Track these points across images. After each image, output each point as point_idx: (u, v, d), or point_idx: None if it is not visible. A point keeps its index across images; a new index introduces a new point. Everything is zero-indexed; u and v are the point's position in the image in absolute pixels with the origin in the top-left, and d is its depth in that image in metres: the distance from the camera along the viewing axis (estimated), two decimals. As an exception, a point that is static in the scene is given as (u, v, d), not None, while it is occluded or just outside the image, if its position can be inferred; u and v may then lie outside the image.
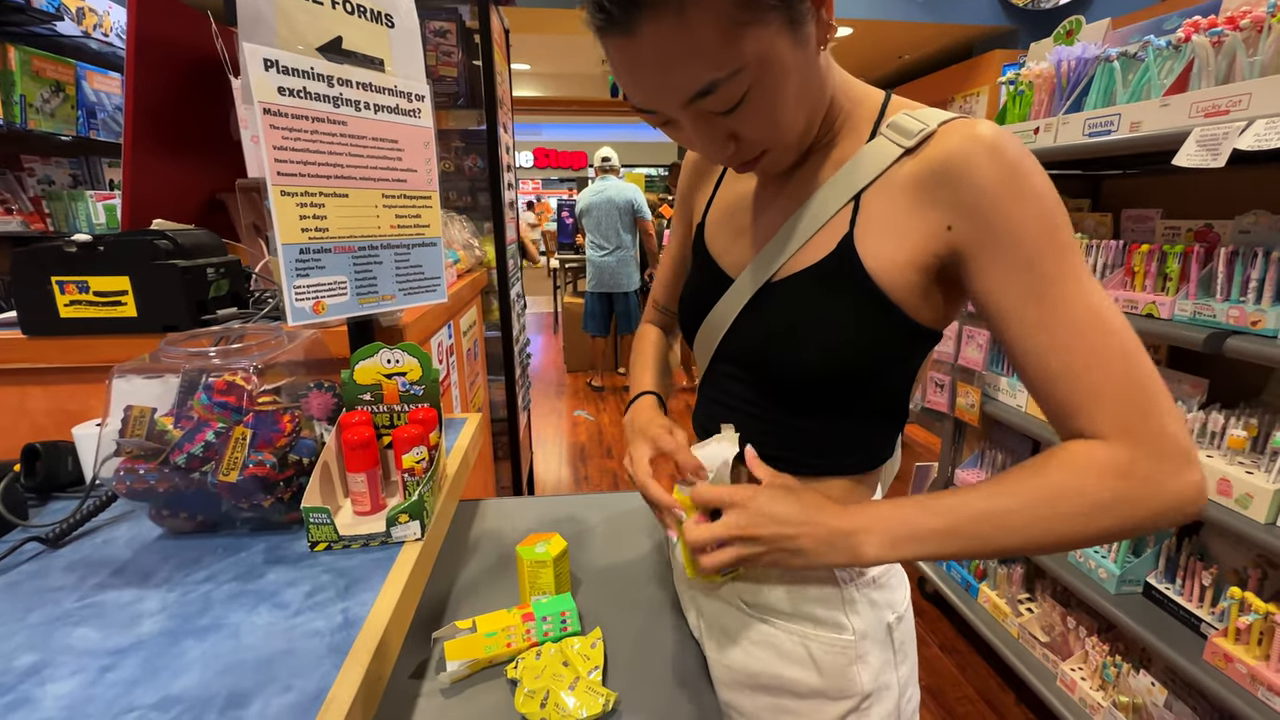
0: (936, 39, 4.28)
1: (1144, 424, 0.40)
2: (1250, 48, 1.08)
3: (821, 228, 0.51)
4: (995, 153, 0.43)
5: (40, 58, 2.18)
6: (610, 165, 3.97)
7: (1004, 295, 0.44)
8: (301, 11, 0.63)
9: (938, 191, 0.46)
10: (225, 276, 0.87)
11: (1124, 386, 0.41)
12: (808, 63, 0.45)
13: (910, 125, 0.48)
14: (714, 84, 0.42)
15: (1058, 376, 0.42)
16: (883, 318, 0.49)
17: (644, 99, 0.46)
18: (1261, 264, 1.07)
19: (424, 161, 0.78)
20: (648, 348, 0.78)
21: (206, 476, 0.61)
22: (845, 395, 0.53)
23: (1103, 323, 0.41)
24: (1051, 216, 0.43)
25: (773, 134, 0.48)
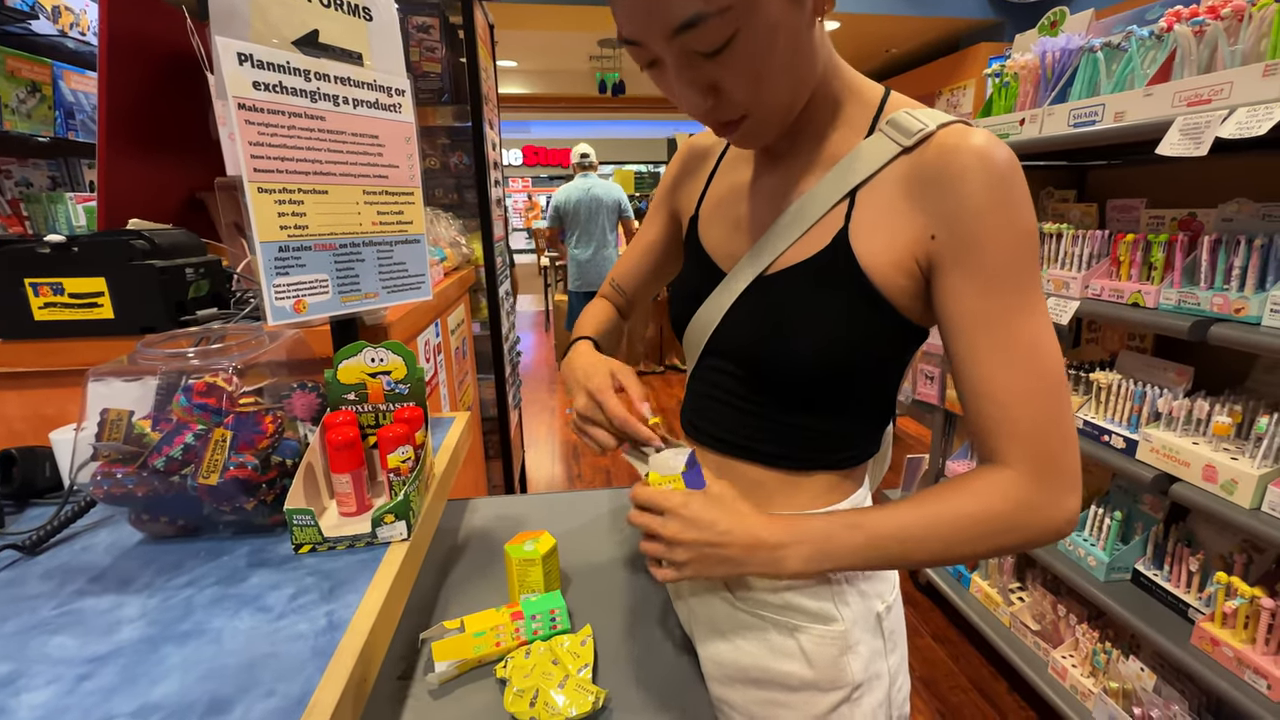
0: (923, 32, 4.30)
1: (1049, 462, 0.45)
2: (1231, 37, 1.09)
3: (816, 223, 0.51)
4: (989, 169, 0.44)
5: (15, 57, 2.14)
6: (589, 161, 3.94)
7: (961, 315, 0.46)
8: (276, 5, 0.62)
9: (927, 196, 0.46)
10: (205, 277, 0.86)
11: (1041, 424, 0.45)
12: (801, 28, 0.45)
13: (910, 124, 0.48)
14: (700, 16, 0.41)
15: (989, 401, 0.46)
16: (875, 314, 0.49)
17: (633, 26, 0.45)
18: (1244, 251, 1.08)
19: (405, 157, 0.77)
20: (592, 311, 0.76)
21: (186, 480, 0.60)
22: (835, 390, 0.53)
23: (1040, 361, 0.45)
24: (1025, 246, 0.45)
25: (755, 94, 0.46)
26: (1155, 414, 1.27)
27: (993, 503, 0.46)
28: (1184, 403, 1.21)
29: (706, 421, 0.61)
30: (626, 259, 0.78)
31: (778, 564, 0.48)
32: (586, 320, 0.74)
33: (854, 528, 0.48)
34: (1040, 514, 0.45)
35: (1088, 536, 1.46)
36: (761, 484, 0.58)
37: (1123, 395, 1.33)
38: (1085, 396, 1.44)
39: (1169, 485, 1.18)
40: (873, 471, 0.66)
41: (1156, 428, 1.25)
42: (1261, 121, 0.93)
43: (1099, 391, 1.39)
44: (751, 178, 0.59)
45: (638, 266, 0.76)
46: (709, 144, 0.68)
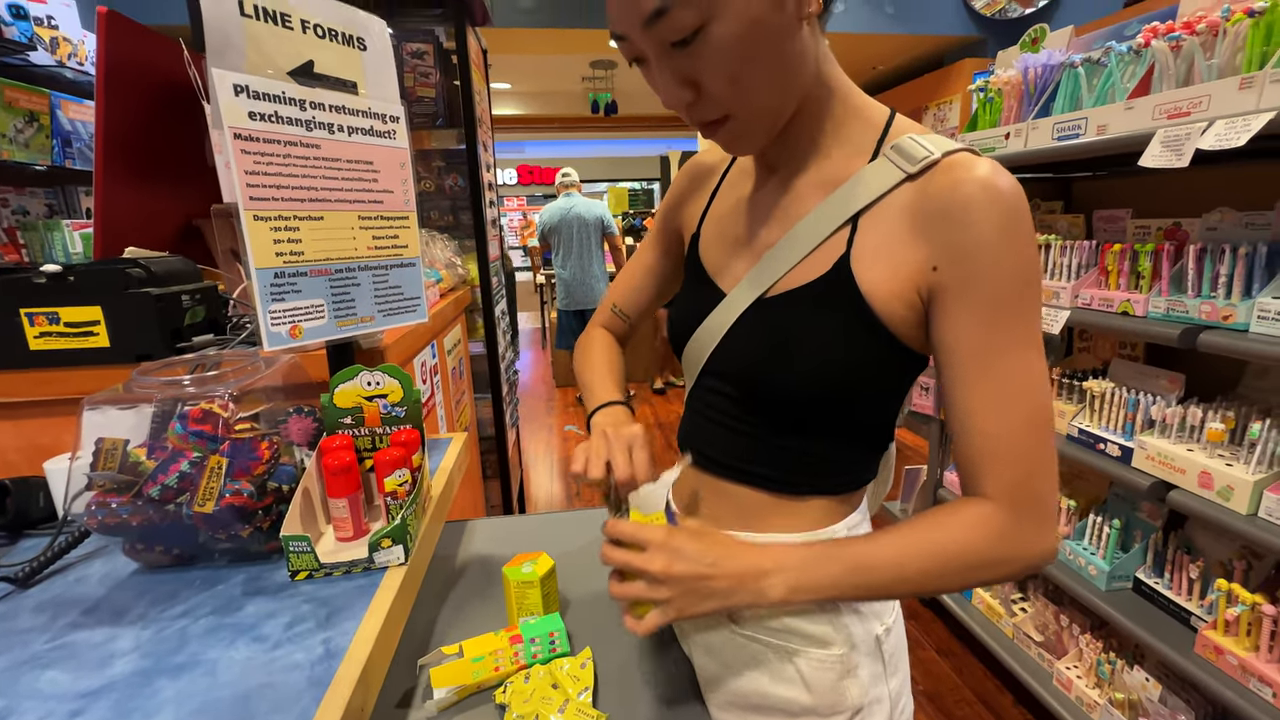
0: (908, 49, 4.38)
1: (1030, 498, 0.46)
2: (1207, 51, 1.12)
3: (818, 247, 0.51)
4: (994, 202, 0.43)
5: (13, 88, 2.16)
6: (571, 181, 4.01)
7: (957, 346, 0.46)
8: (271, 36, 0.63)
9: (932, 228, 0.46)
10: (201, 303, 0.86)
11: (1027, 462, 0.46)
12: (783, 31, 0.45)
13: (915, 151, 0.47)
14: (668, 4, 0.42)
15: (978, 434, 0.47)
16: (875, 341, 0.49)
17: (615, 19, 0.46)
18: (1229, 260, 1.09)
19: (400, 182, 0.78)
20: (599, 353, 0.73)
21: (182, 508, 0.60)
22: (833, 416, 0.53)
23: (1031, 398, 0.46)
24: (1026, 282, 0.45)
25: (734, 92, 0.46)
26: (1149, 421, 1.28)
27: (973, 536, 0.46)
28: (1177, 410, 1.22)
29: (703, 442, 0.61)
30: (627, 280, 0.76)
31: (761, 594, 0.47)
32: (601, 373, 0.71)
33: (836, 558, 0.48)
34: (1018, 548, 0.46)
35: (1088, 545, 1.45)
36: (756, 507, 0.57)
37: (1116, 403, 1.34)
38: (1079, 405, 1.45)
39: (1166, 493, 1.18)
40: (873, 494, 0.65)
41: (1151, 435, 1.26)
42: (1240, 133, 0.95)
43: (1092, 400, 1.40)
44: (753, 196, 0.59)
45: (640, 288, 0.75)
46: (712, 162, 0.68)
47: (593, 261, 3.92)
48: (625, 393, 0.70)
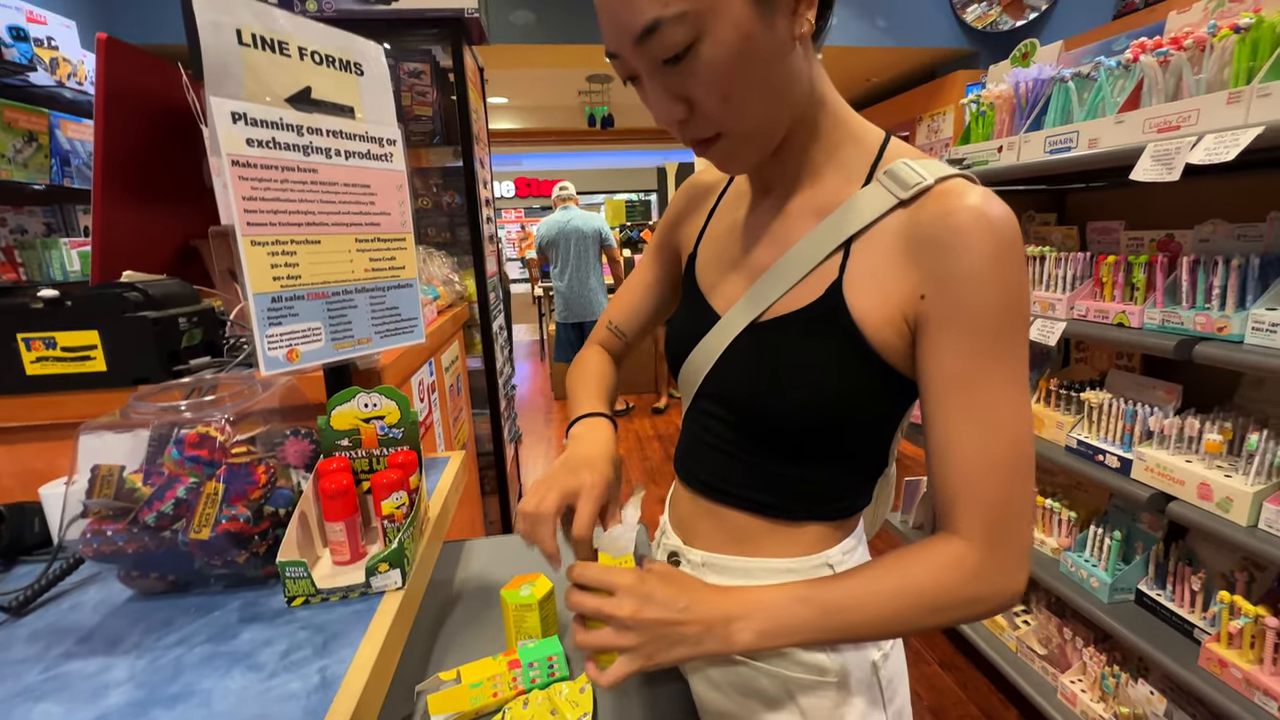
0: (901, 62, 4.43)
1: (1003, 537, 0.45)
2: (1195, 66, 1.13)
3: (811, 272, 0.51)
4: (985, 232, 0.43)
5: (12, 109, 2.18)
6: (569, 194, 4.03)
7: (939, 376, 0.46)
8: (269, 64, 0.64)
9: (922, 255, 0.46)
10: (198, 326, 0.86)
11: (1001, 499, 0.45)
12: (774, 51, 0.45)
13: (908, 176, 0.47)
14: (658, 22, 0.42)
15: (954, 468, 0.46)
16: (867, 368, 0.49)
17: (608, 37, 0.46)
18: (1223, 271, 1.10)
19: (397, 204, 0.79)
20: (590, 368, 0.72)
21: (177, 535, 0.60)
22: (826, 442, 0.53)
23: (1009, 433, 0.45)
24: (1012, 314, 0.44)
25: (725, 110, 0.46)
26: (1147, 432, 1.28)
27: (945, 578, 0.45)
28: (1175, 421, 1.22)
29: (698, 465, 0.61)
30: (625, 298, 0.76)
31: (729, 640, 0.46)
32: (588, 388, 0.70)
33: (805, 601, 0.47)
34: (989, 588, 0.45)
35: (1089, 557, 1.45)
36: (751, 532, 0.57)
37: (1114, 414, 1.34)
38: (1077, 416, 1.45)
39: (1166, 504, 1.18)
40: (873, 517, 0.65)
41: (1149, 446, 1.26)
42: (1229, 148, 0.96)
43: (1090, 411, 1.40)
44: (749, 218, 0.59)
45: (638, 307, 0.74)
46: (710, 182, 0.68)
47: (591, 274, 3.93)
48: (611, 407, 0.68)
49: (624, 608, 0.45)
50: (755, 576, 0.57)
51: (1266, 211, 1.14)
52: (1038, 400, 1.57)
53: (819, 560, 0.56)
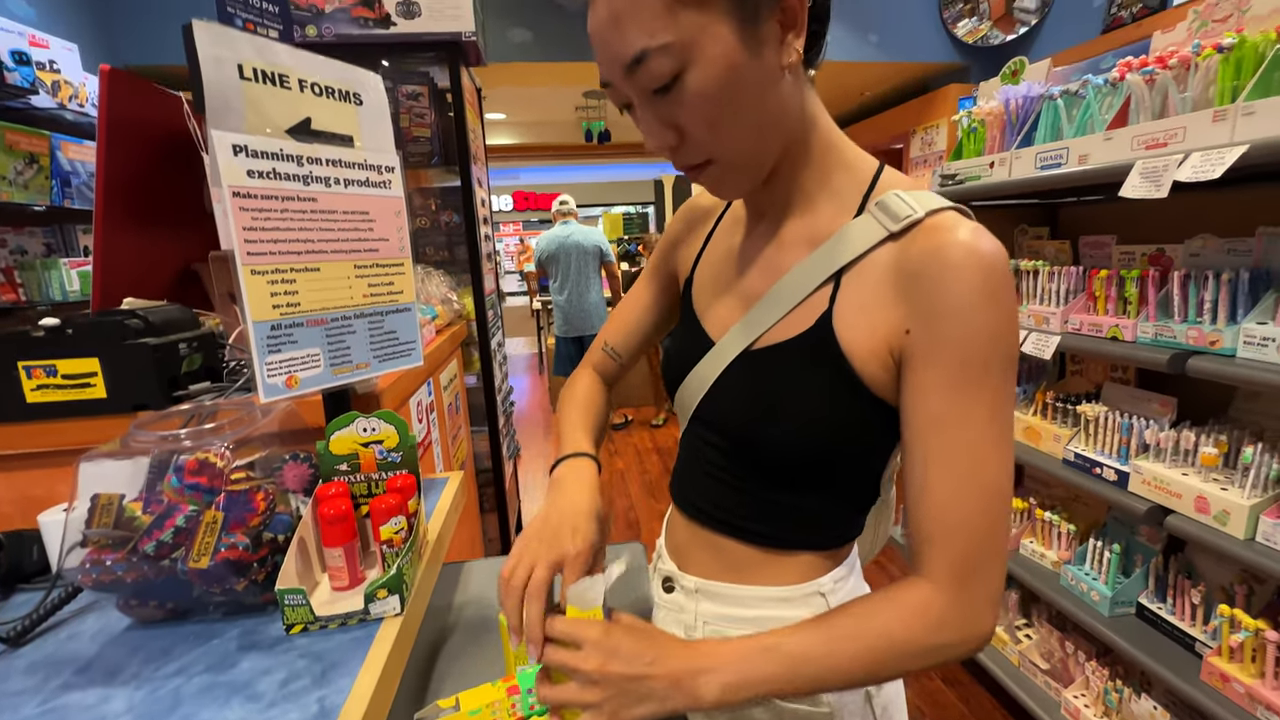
0: (894, 76, 4.48)
1: (973, 581, 0.45)
2: (1180, 84, 1.15)
3: (802, 302, 0.51)
4: (974, 269, 0.43)
5: (14, 131, 2.20)
6: (569, 209, 4.04)
7: (920, 412, 0.45)
8: (270, 97, 0.65)
9: (909, 290, 0.45)
10: (198, 351, 0.87)
11: (973, 543, 0.44)
12: (763, 80, 0.45)
13: (899, 209, 0.47)
14: (644, 53, 0.43)
15: (928, 505, 0.45)
16: (856, 400, 0.49)
17: (601, 67, 0.47)
18: (1213, 286, 1.11)
19: (395, 230, 0.80)
20: (579, 398, 0.72)
21: (176, 563, 0.60)
22: (818, 472, 0.53)
23: (986, 475, 0.44)
24: (998, 353, 0.43)
25: (715, 138, 0.47)
26: (1144, 445, 1.29)
27: (912, 626, 0.45)
28: (1170, 434, 1.22)
29: (693, 491, 0.61)
30: (621, 320, 0.75)
31: (696, 695, 0.45)
32: (575, 419, 0.69)
33: (771, 651, 0.46)
34: (956, 634, 0.45)
35: (1089, 570, 1.45)
36: (745, 561, 0.57)
37: (1110, 427, 1.34)
38: (1074, 429, 1.46)
39: (1163, 517, 1.18)
40: (869, 544, 0.65)
41: (1146, 459, 1.26)
42: (1215, 166, 0.97)
43: (1087, 424, 1.40)
44: (744, 244, 0.59)
45: (634, 328, 0.74)
46: (708, 205, 0.68)
47: (590, 289, 3.94)
48: (598, 439, 0.68)
49: (589, 661, 0.45)
50: (747, 604, 0.57)
51: (1254, 226, 1.15)
52: (1034, 413, 1.57)
53: (810, 588, 0.56)
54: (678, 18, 0.42)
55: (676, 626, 0.62)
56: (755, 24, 0.44)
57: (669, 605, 0.64)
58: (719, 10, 0.42)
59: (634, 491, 3.43)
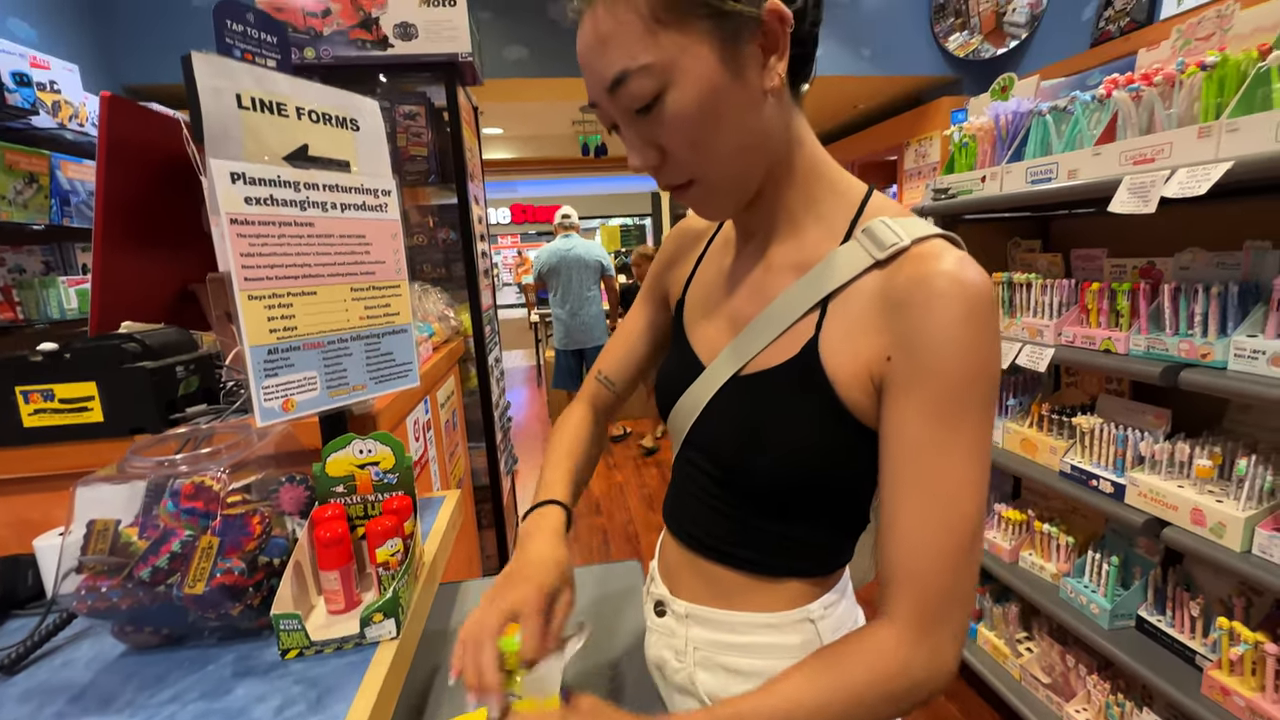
0: (887, 89, 4.53)
1: (937, 622, 0.44)
2: (1166, 101, 1.17)
3: (789, 328, 0.51)
4: (957, 299, 0.43)
5: (14, 151, 2.21)
6: (571, 223, 4.05)
7: (896, 441, 0.45)
8: (268, 125, 0.66)
9: (893, 318, 0.45)
10: (195, 373, 0.87)
11: (940, 581, 0.44)
12: (744, 103, 0.46)
13: (885, 236, 0.47)
14: (625, 73, 0.44)
15: (898, 538, 0.45)
16: (842, 427, 0.49)
17: (588, 88, 0.48)
18: (1203, 299, 1.12)
19: (392, 252, 0.80)
20: (566, 439, 0.71)
21: (172, 589, 0.60)
22: (807, 500, 0.53)
23: (958, 508, 0.44)
24: (978, 384, 0.43)
25: (696, 158, 0.47)
26: (1139, 457, 1.29)
27: (877, 673, 0.44)
28: (1165, 446, 1.23)
29: (684, 516, 0.62)
30: (615, 348, 0.75)
31: None
32: (557, 461, 0.68)
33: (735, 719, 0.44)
34: (919, 676, 0.44)
35: (1088, 583, 1.44)
36: (735, 587, 0.57)
37: (1106, 439, 1.35)
38: (1070, 441, 1.46)
39: (1160, 529, 1.18)
40: (865, 567, 0.65)
41: (1142, 471, 1.26)
42: (1200, 182, 0.98)
43: (1082, 436, 1.41)
44: (733, 267, 0.60)
45: (628, 356, 0.73)
46: (700, 228, 0.68)
47: (591, 302, 3.95)
48: (576, 484, 0.67)
49: None
50: (737, 630, 0.57)
51: (1242, 239, 1.17)
52: (1031, 425, 1.58)
53: (800, 615, 0.56)
54: (658, 39, 0.43)
55: (668, 650, 0.62)
56: (736, 46, 0.44)
57: (661, 629, 0.64)
58: (699, 32, 0.43)
59: (633, 504, 3.42)
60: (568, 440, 0.70)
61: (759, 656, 0.57)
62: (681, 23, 0.43)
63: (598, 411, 0.75)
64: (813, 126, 0.55)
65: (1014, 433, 1.59)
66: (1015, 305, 1.56)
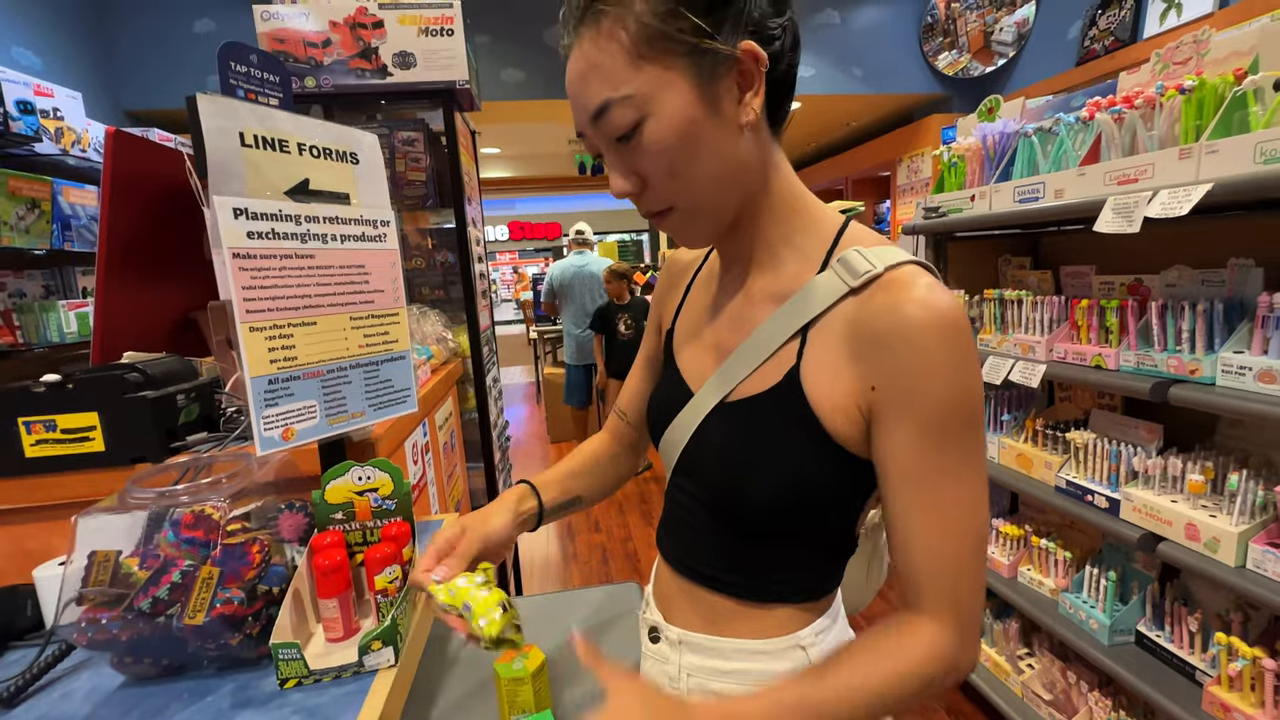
0: (878, 107, 4.60)
1: (966, 619, 0.48)
2: (1148, 122, 1.20)
3: (771, 356, 0.52)
4: (932, 325, 0.44)
5: (16, 178, 2.23)
6: (585, 239, 4.08)
7: (896, 468, 0.47)
8: (269, 162, 0.68)
9: (869, 347, 0.47)
10: (195, 401, 0.88)
11: (964, 584, 0.48)
12: (721, 136, 0.48)
13: (858, 265, 0.49)
14: (607, 103, 0.46)
15: (916, 555, 0.48)
16: (824, 452, 0.50)
17: (574, 116, 0.51)
18: (1190, 316, 1.14)
19: (391, 281, 0.82)
20: (578, 450, 0.76)
21: (172, 620, 0.60)
22: (793, 525, 0.53)
23: (967, 522, 0.47)
24: (963, 406, 0.45)
25: (671, 186, 0.49)
26: (1132, 472, 1.30)
27: (921, 662, 0.47)
28: (1158, 460, 1.24)
29: (674, 543, 0.62)
30: (629, 381, 0.77)
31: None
32: (564, 463, 0.74)
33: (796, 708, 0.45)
34: (958, 666, 0.48)
35: (1086, 598, 1.45)
36: (725, 613, 0.58)
37: (1099, 454, 1.36)
38: (1064, 456, 1.47)
39: (1156, 544, 1.19)
40: (862, 591, 0.66)
41: (1136, 486, 1.27)
42: (1182, 203, 1.01)
43: (1076, 451, 1.42)
44: (717, 296, 0.61)
45: (638, 389, 0.75)
46: (688, 259, 0.70)
47: None
48: (563, 478, 0.72)
49: None
50: (728, 656, 0.57)
51: (1227, 256, 1.19)
52: (1025, 440, 1.59)
53: (790, 641, 0.56)
54: (640, 71, 0.45)
55: (662, 677, 0.63)
56: (712, 82, 0.47)
57: (655, 655, 0.64)
58: (678, 68, 0.46)
59: (632, 521, 3.41)
60: (576, 453, 0.76)
61: (750, 684, 0.57)
62: (661, 58, 0.45)
63: (616, 440, 0.78)
64: (806, 144, 0.57)
65: (1009, 448, 1.60)
66: (1007, 322, 1.58)
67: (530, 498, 0.67)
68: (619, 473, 0.77)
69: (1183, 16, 2.73)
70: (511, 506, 0.65)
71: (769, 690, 0.47)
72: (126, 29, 3.29)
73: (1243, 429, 1.27)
